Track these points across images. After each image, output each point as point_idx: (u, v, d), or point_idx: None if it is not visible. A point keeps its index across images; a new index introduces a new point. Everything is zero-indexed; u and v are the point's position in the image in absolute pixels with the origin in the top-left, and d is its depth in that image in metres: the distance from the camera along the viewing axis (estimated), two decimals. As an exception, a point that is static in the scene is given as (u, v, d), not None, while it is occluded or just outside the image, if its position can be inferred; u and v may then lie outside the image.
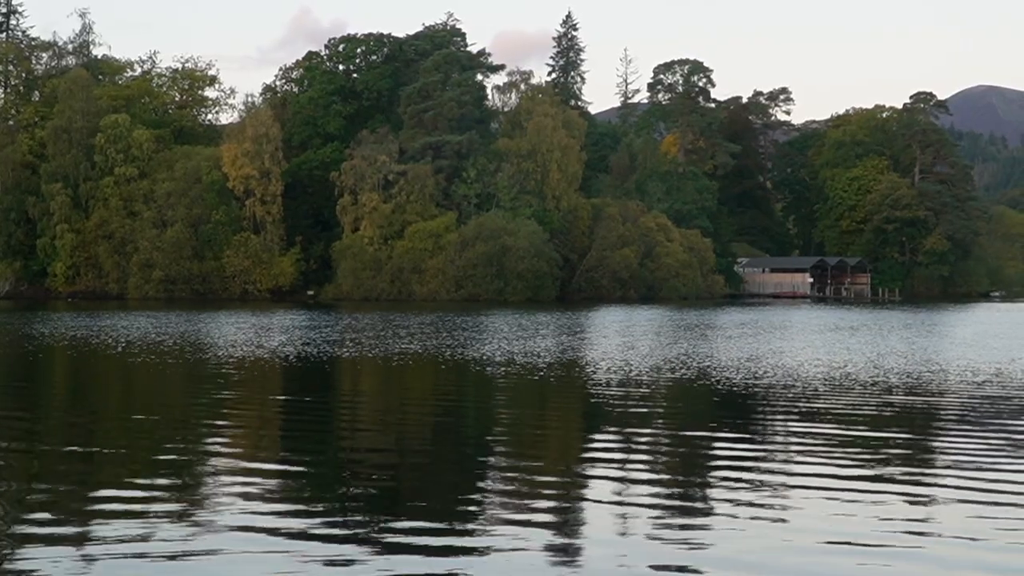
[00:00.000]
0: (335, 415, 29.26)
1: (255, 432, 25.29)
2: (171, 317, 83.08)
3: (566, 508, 16.51)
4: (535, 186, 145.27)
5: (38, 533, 14.70)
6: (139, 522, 15.16)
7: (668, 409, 29.88)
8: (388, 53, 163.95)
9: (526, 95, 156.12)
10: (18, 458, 21.27)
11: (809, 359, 45.31)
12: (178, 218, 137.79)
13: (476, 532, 14.94)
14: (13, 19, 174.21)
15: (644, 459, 21.31)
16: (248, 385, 35.91)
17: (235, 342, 54.67)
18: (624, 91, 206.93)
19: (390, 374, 39.97)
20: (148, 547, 13.92)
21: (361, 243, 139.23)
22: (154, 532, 14.67)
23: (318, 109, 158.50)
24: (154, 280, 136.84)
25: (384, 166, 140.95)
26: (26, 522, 15.32)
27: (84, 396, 34.08)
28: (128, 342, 54.22)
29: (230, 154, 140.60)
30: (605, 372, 38.75)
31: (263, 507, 16.30)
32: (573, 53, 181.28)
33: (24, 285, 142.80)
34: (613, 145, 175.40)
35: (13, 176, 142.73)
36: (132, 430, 25.29)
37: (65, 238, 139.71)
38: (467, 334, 62.80)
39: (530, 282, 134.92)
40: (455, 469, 20.59)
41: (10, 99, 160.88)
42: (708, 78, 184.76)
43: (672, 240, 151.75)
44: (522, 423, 26.98)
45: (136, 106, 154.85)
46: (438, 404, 31.53)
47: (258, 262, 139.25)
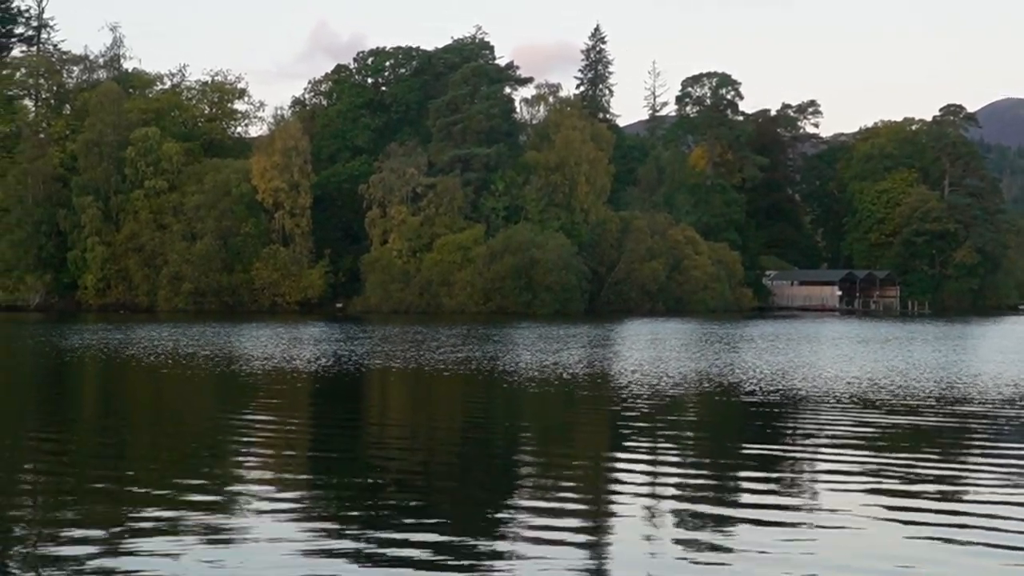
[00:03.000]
0: (364, 426, 29.38)
1: (284, 444, 25.40)
2: (201, 329, 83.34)
3: (594, 521, 16.56)
4: (563, 199, 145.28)
5: (70, 541, 14.86)
6: (168, 537, 15.27)
7: (698, 422, 29.89)
8: (417, 66, 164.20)
9: (554, 108, 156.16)
10: (50, 470, 21.44)
11: (840, 372, 45.24)
12: (207, 231, 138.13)
13: (504, 544, 15.01)
14: (44, 33, 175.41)
15: (673, 472, 21.32)
16: (277, 396, 36.06)
17: (264, 354, 54.85)
18: (652, 104, 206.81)
19: (419, 386, 40.09)
20: (177, 561, 14.05)
21: (389, 256, 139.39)
22: (183, 545, 14.80)
23: (347, 122, 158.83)
24: (183, 292, 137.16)
25: (412, 179, 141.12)
26: (58, 535, 15.46)
27: (115, 408, 34.27)
28: (159, 354, 54.45)
29: (259, 167, 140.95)
30: (634, 384, 38.75)
31: (292, 520, 16.41)
32: (601, 66, 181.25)
33: (55, 297, 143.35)
34: (641, 158, 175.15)
35: (44, 189, 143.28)
36: (162, 442, 25.46)
37: (96, 251, 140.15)
38: (495, 346, 62.86)
39: (558, 295, 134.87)
40: (483, 480, 20.67)
41: (41, 112, 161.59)
42: (736, 91, 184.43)
43: (700, 253, 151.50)
44: (550, 435, 27.06)
45: (166, 119, 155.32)
46: (466, 415, 31.62)
47: (287, 274, 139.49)
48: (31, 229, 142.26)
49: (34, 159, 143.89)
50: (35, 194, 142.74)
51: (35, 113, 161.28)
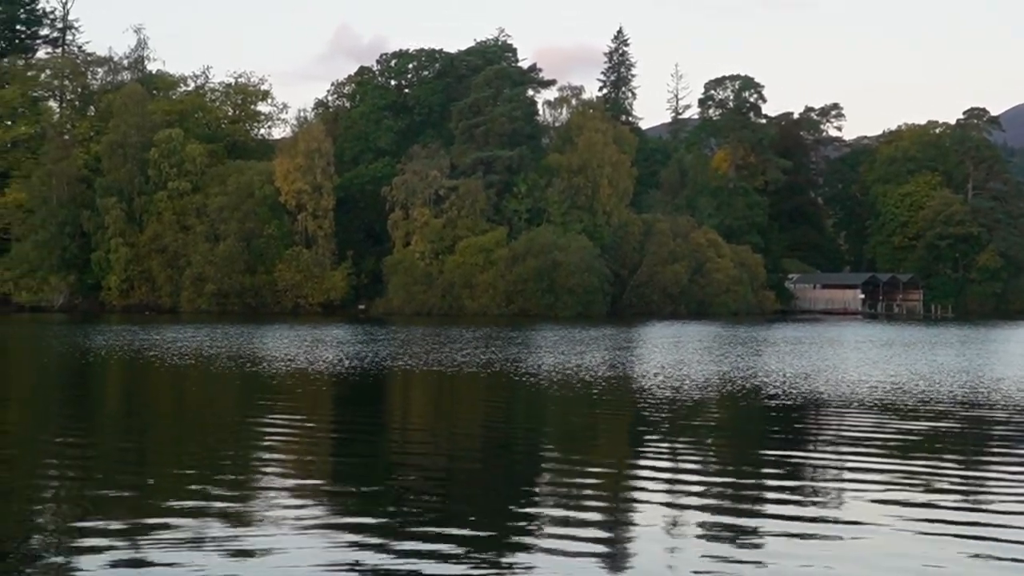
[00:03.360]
0: (386, 428, 29.46)
1: (306, 446, 25.49)
2: (223, 330, 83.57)
3: (616, 526, 16.57)
4: (586, 201, 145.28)
5: (92, 541, 14.96)
6: (191, 539, 15.37)
7: (720, 426, 29.89)
8: (439, 68, 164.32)
9: (577, 110, 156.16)
10: (73, 470, 21.56)
11: (863, 376, 45.18)
12: (230, 232, 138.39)
13: (525, 544, 15.07)
14: (69, 34, 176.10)
15: (695, 477, 21.27)
16: (300, 398, 36.16)
17: (287, 356, 54.99)
18: (675, 107, 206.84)
19: (441, 388, 40.16)
20: (200, 562, 14.13)
21: (412, 258, 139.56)
22: (206, 546, 14.90)
23: (369, 124, 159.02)
24: (206, 294, 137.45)
25: (435, 181, 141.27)
26: (80, 537, 15.56)
27: (138, 409, 34.41)
28: (182, 355, 54.63)
29: (282, 169, 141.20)
30: (656, 387, 38.76)
31: (315, 518, 16.50)
32: (624, 68, 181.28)
33: (78, 298, 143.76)
34: (664, 160, 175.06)
35: (68, 190, 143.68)
36: (185, 444, 25.56)
37: (119, 252, 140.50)
38: (518, 349, 62.92)
39: (580, 297, 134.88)
40: (505, 484, 20.69)
41: (66, 114, 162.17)
42: (759, 94, 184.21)
43: (723, 256, 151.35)
44: (572, 438, 27.07)
45: (189, 121, 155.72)
46: (488, 418, 31.67)
47: (309, 276, 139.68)
48: (55, 230, 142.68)
49: (58, 160, 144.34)
50: (59, 195, 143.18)
51: (60, 114, 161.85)
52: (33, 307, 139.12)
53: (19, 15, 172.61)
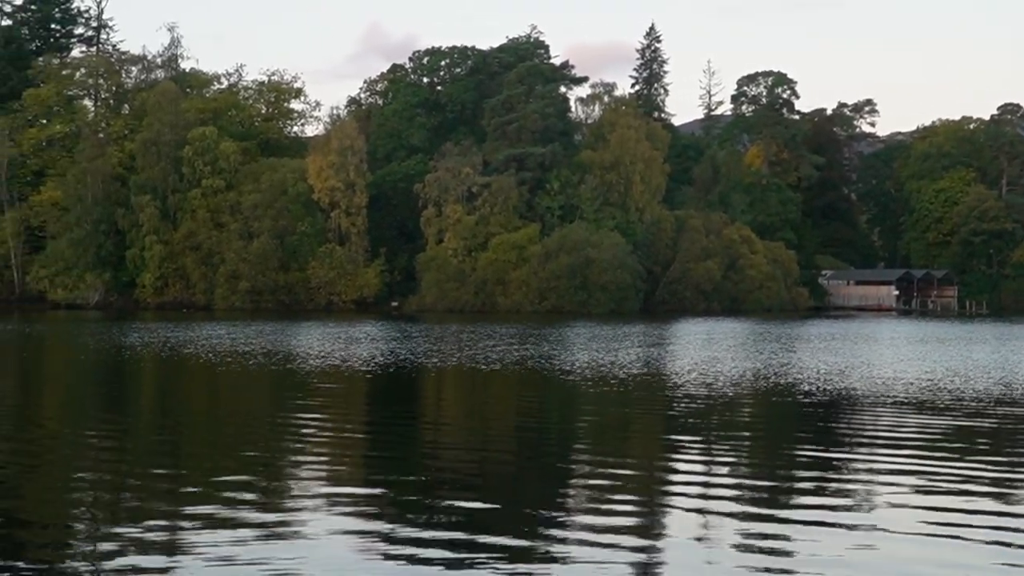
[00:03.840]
0: (419, 425, 29.54)
1: (339, 442, 25.57)
2: (257, 327, 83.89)
3: (649, 524, 16.59)
4: (618, 198, 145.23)
5: (127, 537, 15.10)
6: (225, 534, 15.45)
7: (753, 423, 29.86)
8: (472, 66, 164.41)
9: (609, 107, 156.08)
10: (109, 466, 21.73)
11: (898, 372, 45.05)
12: (264, 229, 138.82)
13: (558, 542, 15.11)
14: (104, 33, 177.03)
15: (728, 475, 21.28)
16: (333, 395, 36.30)
17: (321, 352, 55.17)
18: (707, 103, 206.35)
19: (474, 385, 40.24)
20: (233, 558, 14.24)
21: (445, 255, 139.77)
22: (239, 542, 15.00)
23: (402, 121, 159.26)
24: (240, 291, 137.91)
25: (468, 178, 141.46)
26: (116, 531, 15.72)
27: (173, 405, 34.61)
28: (217, 352, 54.87)
29: (315, 166, 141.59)
30: (689, 384, 38.74)
31: (347, 518, 16.56)
32: (656, 65, 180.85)
33: (113, 296, 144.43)
34: (696, 157, 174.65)
35: (103, 188, 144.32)
36: (219, 439, 25.71)
37: (154, 249, 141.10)
38: (550, 345, 62.95)
39: (613, 294, 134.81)
40: (538, 480, 20.72)
41: (100, 112, 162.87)
42: (792, 90, 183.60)
43: (756, 252, 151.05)
44: (606, 435, 27.10)
45: (223, 119, 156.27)
46: (521, 414, 31.73)
47: (343, 273, 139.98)
48: (90, 228, 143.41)
49: (93, 158, 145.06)
50: (94, 193, 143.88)
51: (94, 113, 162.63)
52: (69, 305, 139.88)
53: (54, 14, 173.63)
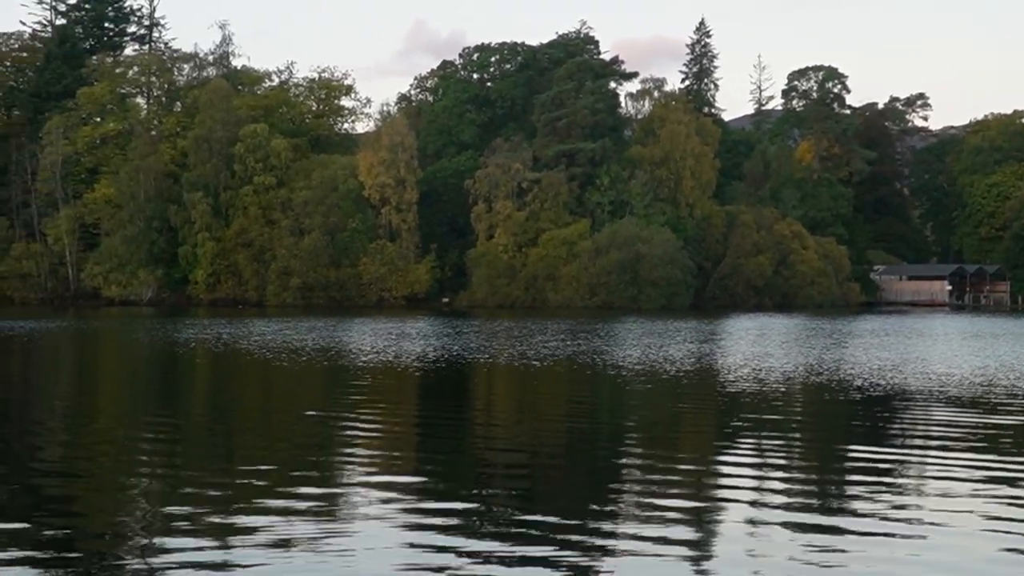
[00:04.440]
0: (470, 420, 29.66)
1: (391, 438, 25.69)
2: (309, 324, 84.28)
3: (699, 521, 16.56)
4: (668, 193, 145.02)
5: (181, 533, 15.32)
6: (277, 529, 15.63)
7: (805, 420, 29.78)
8: (521, 61, 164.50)
9: (659, 102, 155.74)
10: (162, 461, 21.99)
11: (951, 368, 44.81)
12: (315, 226, 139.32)
13: (608, 538, 15.17)
14: (156, 31, 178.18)
15: (779, 473, 21.22)
16: (385, 391, 36.48)
17: (373, 348, 55.39)
18: (758, 98, 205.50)
19: (525, 380, 40.32)
20: (287, 554, 14.40)
21: (495, 250, 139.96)
22: (293, 536, 15.17)
23: (452, 118, 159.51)
24: (292, 287, 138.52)
25: (518, 174, 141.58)
26: (169, 527, 15.91)
27: (226, 400, 34.86)
28: (269, 348, 55.19)
29: (366, 163, 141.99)
30: (740, 380, 38.69)
31: (399, 511, 16.72)
32: (706, 60, 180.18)
33: (166, 292, 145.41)
34: (747, 152, 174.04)
35: (156, 185, 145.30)
36: (272, 435, 25.89)
37: (206, 246, 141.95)
38: (601, 341, 62.97)
39: (664, 289, 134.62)
40: (589, 476, 20.75)
41: (153, 110, 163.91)
42: (843, 84, 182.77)
43: (807, 248, 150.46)
44: (656, 430, 27.13)
45: (274, 116, 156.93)
46: (572, 410, 31.80)
47: (394, 269, 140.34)
48: (143, 225, 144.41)
49: (146, 156, 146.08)
50: (147, 191, 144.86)
51: (147, 111, 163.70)
52: (122, 301, 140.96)
53: (107, 13, 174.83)
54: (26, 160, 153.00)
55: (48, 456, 22.61)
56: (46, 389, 37.94)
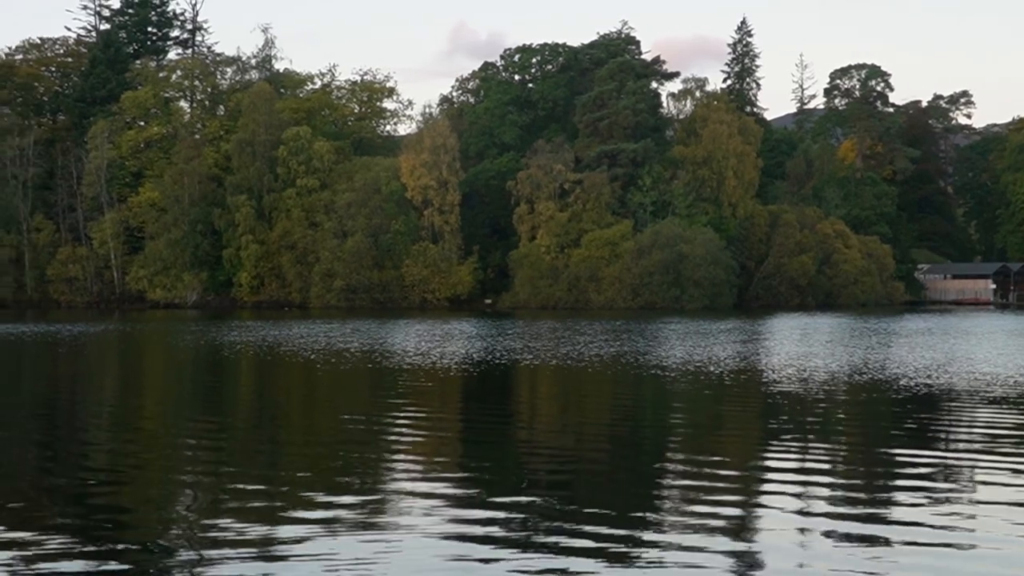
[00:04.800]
0: (513, 420, 29.72)
1: (434, 440, 25.75)
2: (353, 326, 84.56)
3: (743, 524, 16.53)
4: (711, 193, 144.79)
5: (226, 536, 15.42)
6: (322, 533, 15.73)
7: (849, 420, 29.63)
8: (563, 63, 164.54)
9: (701, 102, 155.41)
10: (207, 463, 22.14)
11: (997, 368, 44.56)
12: (358, 228, 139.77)
13: (651, 541, 15.17)
14: (199, 35, 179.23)
15: (825, 469, 21.13)
16: (430, 391, 36.56)
17: (417, 350, 55.53)
18: (800, 97, 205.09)
19: (568, 381, 40.36)
20: (332, 556, 14.51)
21: (538, 252, 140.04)
22: (336, 538, 15.30)
23: (494, 119, 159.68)
24: (335, 289, 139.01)
25: (560, 175, 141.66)
26: (215, 530, 16.05)
27: (270, 402, 35.03)
28: (313, 350, 55.42)
29: (408, 165, 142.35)
30: (784, 380, 38.60)
31: (442, 514, 16.79)
32: (748, 59, 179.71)
33: (211, 295, 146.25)
34: (789, 151, 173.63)
35: (200, 189, 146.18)
36: (315, 436, 26.02)
37: (250, 249, 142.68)
38: (644, 341, 62.94)
39: (707, 290, 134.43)
40: (631, 476, 20.78)
41: (196, 113, 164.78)
42: (886, 82, 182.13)
43: (850, 247, 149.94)
44: (700, 431, 27.10)
45: (317, 118, 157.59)
46: (615, 411, 31.79)
47: (436, 271, 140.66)
48: (187, 228, 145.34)
49: (190, 159, 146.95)
50: (191, 194, 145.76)
51: (190, 114, 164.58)
52: (167, 304, 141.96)
53: (150, 18, 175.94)
54: (72, 164, 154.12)
55: (94, 461, 22.80)
56: (93, 393, 38.24)
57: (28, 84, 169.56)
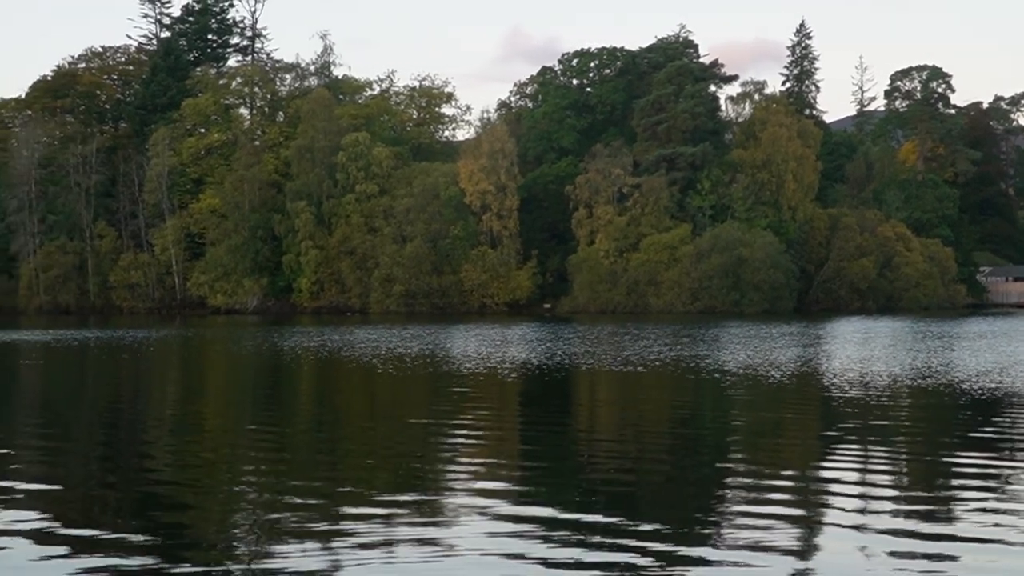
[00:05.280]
0: (572, 424, 29.78)
1: (493, 443, 25.82)
2: (413, 331, 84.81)
3: (803, 532, 16.41)
4: (770, 197, 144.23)
5: (287, 542, 15.54)
6: (381, 536, 15.84)
7: (912, 425, 29.43)
8: (621, 66, 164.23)
9: (760, 105, 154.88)
10: (268, 466, 22.32)
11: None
12: (417, 233, 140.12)
13: (711, 547, 15.16)
14: (258, 42, 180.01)
15: (886, 477, 20.95)
16: (488, 395, 36.64)
17: (477, 354, 55.64)
18: (860, 99, 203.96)
19: (627, 384, 40.34)
20: (390, 560, 14.58)
21: (596, 256, 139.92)
22: (396, 542, 15.37)
23: (552, 124, 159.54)
24: (395, 294, 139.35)
25: (618, 179, 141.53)
26: (276, 532, 16.20)
27: (330, 406, 35.21)
28: (374, 355, 55.63)
29: (467, 170, 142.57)
30: (845, 384, 38.39)
31: (500, 519, 16.81)
32: (807, 62, 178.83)
33: (271, 300, 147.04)
34: (849, 154, 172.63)
35: (259, 195, 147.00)
36: (374, 440, 26.14)
37: (309, 254, 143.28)
38: (704, 346, 62.79)
39: (766, 293, 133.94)
40: (690, 483, 20.72)
41: (256, 120, 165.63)
42: (947, 84, 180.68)
43: (912, 250, 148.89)
44: (760, 436, 27.01)
45: (375, 124, 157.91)
46: (675, 415, 31.75)
47: (495, 276, 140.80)
48: (247, 234, 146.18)
49: (249, 166, 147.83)
50: (251, 200, 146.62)
51: (250, 121, 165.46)
52: (228, 310, 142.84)
53: (210, 25, 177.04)
54: (133, 172, 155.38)
55: (157, 465, 23.03)
56: (155, 398, 38.61)
57: (90, 92, 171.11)
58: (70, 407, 34.89)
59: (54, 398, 39.00)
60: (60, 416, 32.74)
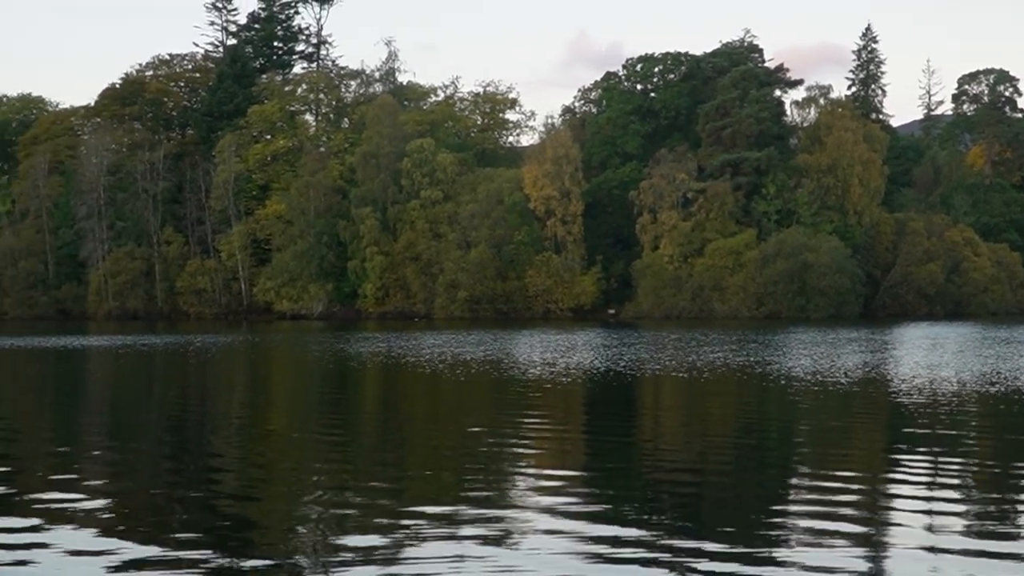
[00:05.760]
0: (637, 430, 29.70)
1: (557, 449, 25.83)
2: (478, 336, 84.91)
3: (870, 541, 16.20)
4: (836, 201, 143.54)
5: (352, 545, 15.53)
6: (447, 541, 15.85)
7: (982, 431, 29.08)
8: (685, 71, 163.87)
9: (825, 110, 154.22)
10: (332, 470, 22.41)
11: None
12: (481, 239, 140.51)
13: (774, 556, 15.03)
14: (323, 49, 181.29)
15: (955, 487, 20.60)
16: (553, 402, 36.60)
17: (542, 359, 55.61)
18: (927, 103, 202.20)
19: (693, 391, 40.20)
20: (454, 564, 14.58)
21: (661, 261, 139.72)
22: (459, 549, 15.34)
23: (616, 129, 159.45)
24: (459, 300, 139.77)
25: (682, 184, 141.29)
26: (341, 535, 16.23)
27: (395, 415, 35.27)
28: (439, 360, 55.73)
29: (531, 175, 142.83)
30: (913, 391, 38.07)
31: (564, 527, 16.73)
32: (873, 66, 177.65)
33: (336, 306, 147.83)
34: (916, 158, 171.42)
35: (325, 201, 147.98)
36: (439, 444, 26.16)
37: (374, 260, 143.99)
38: (770, 351, 62.47)
39: (832, 299, 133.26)
40: (755, 491, 20.59)
41: (321, 126, 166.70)
42: (1015, 87, 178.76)
43: (980, 254, 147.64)
44: (825, 443, 26.80)
45: (440, 130, 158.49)
46: (741, 422, 31.57)
47: (560, 281, 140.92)
48: (313, 240, 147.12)
49: (315, 172, 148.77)
50: (316, 206, 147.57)
51: (315, 127, 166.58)
52: (293, 315, 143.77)
53: (276, 32, 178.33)
54: (200, 178, 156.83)
55: (223, 472, 23.13)
56: (222, 403, 38.86)
57: (158, 99, 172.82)
58: (136, 413, 35.18)
59: (123, 402, 39.35)
60: (128, 419, 33.10)
